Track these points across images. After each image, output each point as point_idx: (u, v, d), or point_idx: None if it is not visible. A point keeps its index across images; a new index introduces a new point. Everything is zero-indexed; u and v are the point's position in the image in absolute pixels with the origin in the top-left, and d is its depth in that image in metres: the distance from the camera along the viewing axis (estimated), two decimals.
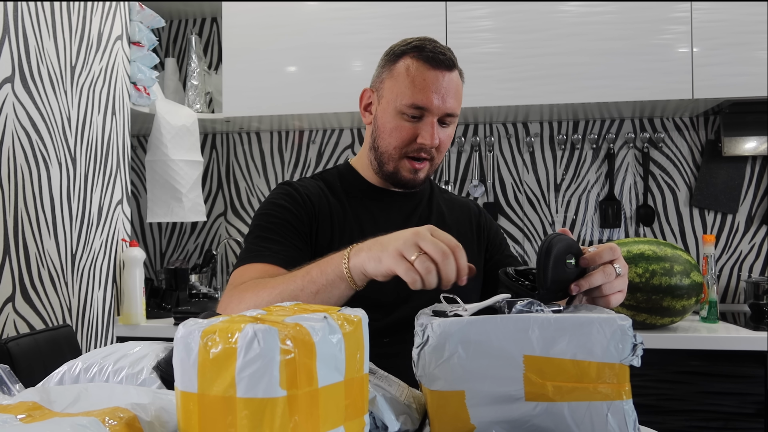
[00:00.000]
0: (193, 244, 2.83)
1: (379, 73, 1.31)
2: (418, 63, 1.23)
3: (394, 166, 1.28)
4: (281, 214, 1.26)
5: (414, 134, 1.24)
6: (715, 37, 2.16)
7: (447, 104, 1.23)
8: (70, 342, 1.44)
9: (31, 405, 0.59)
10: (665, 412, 1.89)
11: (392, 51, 1.29)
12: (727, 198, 2.47)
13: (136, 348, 0.82)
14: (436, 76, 1.22)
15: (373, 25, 2.34)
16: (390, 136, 1.26)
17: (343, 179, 1.36)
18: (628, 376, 0.72)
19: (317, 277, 1.00)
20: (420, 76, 1.22)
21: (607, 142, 2.56)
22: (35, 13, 1.73)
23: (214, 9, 2.71)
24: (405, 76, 1.24)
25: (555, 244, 0.86)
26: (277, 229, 1.24)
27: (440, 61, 1.23)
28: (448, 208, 1.41)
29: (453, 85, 1.24)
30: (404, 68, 1.24)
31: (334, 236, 1.26)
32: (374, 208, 1.32)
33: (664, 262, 1.88)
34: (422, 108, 1.23)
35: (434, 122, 1.24)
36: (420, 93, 1.22)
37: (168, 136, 2.33)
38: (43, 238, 1.75)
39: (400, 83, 1.24)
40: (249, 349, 0.54)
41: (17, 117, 1.66)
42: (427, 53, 1.23)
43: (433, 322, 0.74)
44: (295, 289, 1.01)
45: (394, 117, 1.25)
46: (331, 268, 0.99)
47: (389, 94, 1.26)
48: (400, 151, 1.27)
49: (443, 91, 1.23)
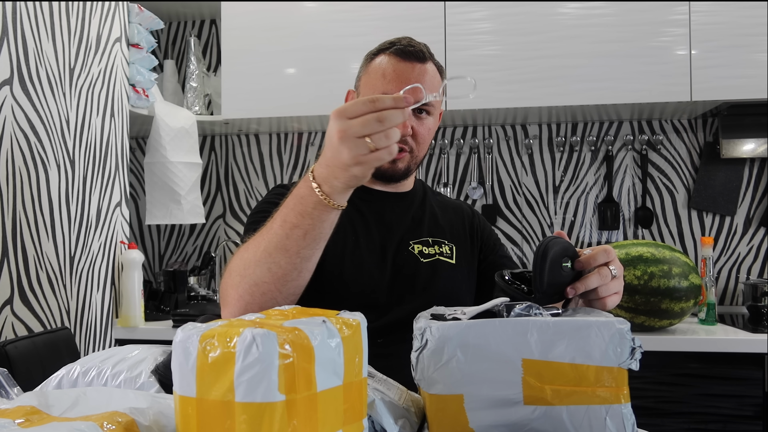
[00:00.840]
0: (192, 246, 2.83)
1: (359, 73, 1.35)
2: (389, 57, 1.27)
3: None
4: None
5: None
6: (713, 39, 2.17)
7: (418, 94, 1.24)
8: (69, 345, 1.44)
9: (29, 409, 0.58)
10: (664, 414, 1.89)
11: (370, 52, 1.33)
12: (726, 200, 2.47)
13: (134, 352, 0.82)
14: (405, 68, 1.25)
15: (371, 27, 2.34)
16: None
17: None
18: (626, 380, 0.72)
19: (298, 220, 0.96)
20: (390, 68, 1.26)
21: (605, 144, 2.56)
22: (34, 14, 1.73)
23: (213, 11, 2.72)
24: (377, 71, 1.27)
25: (551, 248, 0.86)
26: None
27: (410, 53, 1.26)
28: (441, 210, 1.42)
29: (426, 77, 1.26)
30: (377, 64, 1.28)
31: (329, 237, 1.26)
32: (366, 210, 1.33)
33: (663, 265, 1.88)
34: None
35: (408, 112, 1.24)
36: (389, 84, 1.25)
37: (167, 138, 2.33)
38: (42, 240, 1.75)
39: (373, 78, 1.28)
40: (247, 353, 0.54)
41: (16, 119, 1.66)
42: (398, 47, 1.27)
43: (432, 326, 0.74)
44: (280, 240, 0.97)
45: None
46: (311, 205, 0.95)
47: (364, 90, 1.30)
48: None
49: (414, 81, 1.24)
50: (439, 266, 1.31)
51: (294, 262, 0.98)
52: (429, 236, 1.34)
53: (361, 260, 1.27)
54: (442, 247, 1.34)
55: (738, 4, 2.15)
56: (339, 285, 1.24)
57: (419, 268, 1.29)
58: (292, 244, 0.97)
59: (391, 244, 1.30)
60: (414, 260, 1.29)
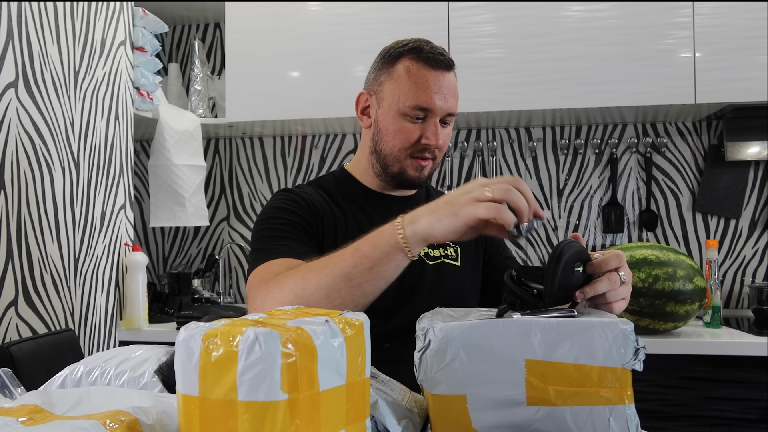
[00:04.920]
0: (196, 249, 2.83)
1: (377, 75, 1.30)
2: (418, 64, 1.23)
3: (400, 167, 1.28)
4: (288, 217, 1.24)
5: (418, 135, 1.25)
6: (717, 42, 2.16)
7: (448, 104, 1.24)
8: (73, 346, 1.44)
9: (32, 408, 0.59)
10: (668, 417, 1.88)
11: (388, 53, 1.29)
12: (730, 203, 2.47)
13: (137, 352, 0.83)
14: (437, 77, 1.23)
15: (375, 30, 2.34)
16: (394, 138, 1.26)
17: (340, 185, 1.36)
18: (630, 381, 0.72)
19: (369, 251, 0.97)
20: (422, 78, 1.23)
21: (609, 146, 2.55)
22: (39, 18, 1.74)
23: (217, 14, 2.72)
24: (406, 78, 1.24)
25: (566, 252, 0.85)
26: (288, 229, 1.22)
27: (440, 62, 1.24)
28: None
29: (452, 85, 1.26)
30: (404, 70, 1.24)
31: (338, 241, 1.25)
32: (372, 212, 1.32)
33: (667, 267, 1.88)
34: (426, 109, 1.23)
35: (437, 122, 1.25)
36: (423, 94, 1.22)
37: (171, 141, 2.33)
38: (46, 242, 1.75)
39: (402, 85, 1.24)
40: (250, 352, 0.54)
41: (21, 122, 1.67)
42: (426, 54, 1.24)
43: (435, 326, 0.74)
44: (346, 267, 0.97)
45: (396, 119, 1.25)
46: (385, 240, 0.96)
47: (390, 97, 1.26)
48: (405, 152, 1.27)
49: (445, 91, 1.23)
50: (445, 268, 1.31)
51: (354, 295, 0.97)
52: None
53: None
54: (447, 249, 1.33)
55: (742, 6, 2.15)
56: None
57: (425, 271, 1.28)
58: (357, 275, 0.97)
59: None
60: (420, 263, 1.28)
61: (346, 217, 1.30)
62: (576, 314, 0.79)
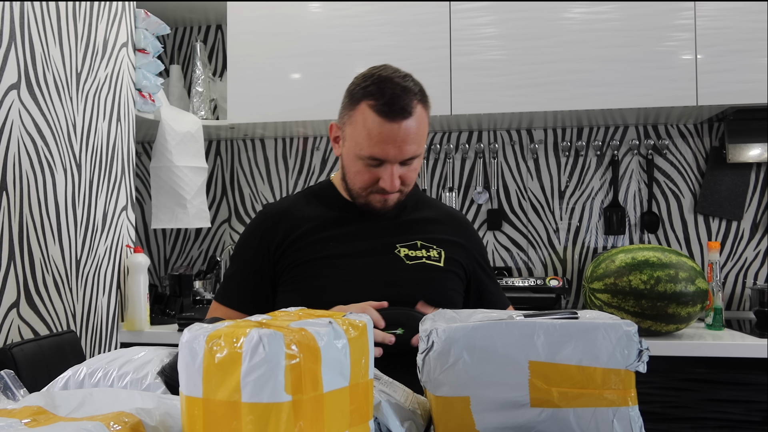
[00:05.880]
0: (198, 251, 2.83)
1: (342, 113, 1.32)
2: (373, 116, 1.23)
3: (365, 200, 1.34)
4: (244, 256, 1.38)
5: (376, 177, 1.29)
6: (719, 44, 2.16)
7: (404, 153, 1.25)
8: (75, 348, 1.44)
9: (35, 409, 0.59)
10: (671, 419, 1.88)
11: (352, 92, 1.29)
12: (732, 205, 2.47)
13: (140, 353, 0.82)
14: (391, 129, 1.22)
15: (377, 32, 2.34)
16: (354, 178, 1.32)
17: (324, 195, 1.42)
18: (633, 382, 0.71)
19: None
20: (375, 130, 1.23)
21: (611, 148, 2.55)
22: (41, 19, 1.74)
23: (219, 16, 2.72)
24: (362, 128, 1.25)
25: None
26: (239, 271, 1.38)
27: (396, 112, 1.22)
28: (433, 216, 1.43)
29: (412, 131, 1.24)
30: (361, 119, 1.25)
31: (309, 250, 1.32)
32: (353, 220, 1.36)
33: (669, 269, 1.87)
34: (380, 159, 1.26)
35: (393, 169, 1.26)
36: (376, 146, 1.24)
37: (173, 143, 2.33)
38: (48, 244, 1.75)
39: (358, 133, 1.26)
40: (254, 353, 0.54)
41: (23, 123, 1.67)
42: (384, 102, 1.22)
43: (438, 328, 0.74)
44: None
45: (355, 162, 1.29)
46: None
47: (350, 140, 1.29)
48: (367, 191, 1.32)
49: (400, 141, 1.23)
50: (424, 269, 1.33)
51: None
52: (418, 240, 1.36)
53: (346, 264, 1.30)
54: (431, 251, 1.35)
55: (744, 8, 2.15)
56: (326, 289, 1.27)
57: (404, 270, 1.31)
58: None
59: (376, 247, 1.33)
60: (399, 262, 1.32)
61: (324, 226, 1.35)
62: (579, 316, 0.79)
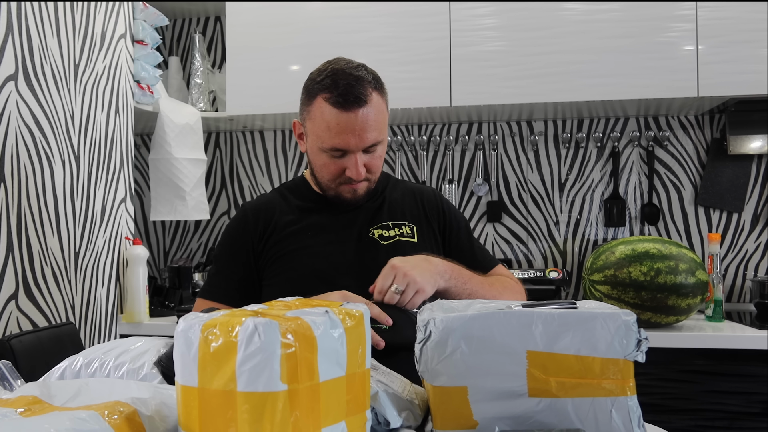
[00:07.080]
0: (197, 243, 2.83)
1: (301, 109, 1.35)
2: (329, 108, 1.26)
3: (334, 192, 1.37)
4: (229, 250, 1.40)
5: (341, 168, 1.31)
6: (720, 35, 2.15)
7: (365, 140, 1.28)
8: (73, 339, 1.44)
9: (31, 399, 0.58)
10: (670, 411, 1.88)
11: (308, 87, 1.33)
12: (733, 196, 2.46)
13: (137, 343, 0.82)
14: (348, 118, 1.25)
15: (376, 23, 2.33)
16: (321, 171, 1.35)
17: (297, 190, 1.45)
18: (632, 372, 0.71)
19: None
20: (333, 121, 1.26)
21: (611, 140, 2.54)
22: (39, 11, 1.73)
23: (218, 8, 2.71)
24: (321, 121, 1.28)
25: None
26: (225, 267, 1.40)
27: (351, 102, 1.25)
28: (401, 195, 1.46)
29: (370, 118, 1.27)
30: (319, 113, 1.28)
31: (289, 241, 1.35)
32: (327, 211, 1.39)
33: (669, 261, 1.87)
34: (341, 149, 1.28)
35: (357, 158, 1.29)
36: (336, 137, 1.26)
37: (171, 135, 2.33)
38: (47, 235, 1.75)
39: (317, 126, 1.29)
40: (249, 342, 0.54)
41: (21, 115, 1.66)
42: (338, 94, 1.25)
43: (436, 318, 0.74)
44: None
45: (320, 155, 1.32)
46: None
47: (312, 135, 1.32)
48: (335, 182, 1.34)
49: (359, 130, 1.26)
50: (400, 246, 1.35)
51: None
52: (389, 220, 1.39)
53: (326, 252, 1.33)
54: (403, 228, 1.38)
55: (745, 0, 2.14)
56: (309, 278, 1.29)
57: (380, 251, 1.33)
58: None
59: (352, 234, 1.36)
60: (374, 244, 1.35)
61: (299, 219, 1.38)
62: (577, 306, 0.79)
